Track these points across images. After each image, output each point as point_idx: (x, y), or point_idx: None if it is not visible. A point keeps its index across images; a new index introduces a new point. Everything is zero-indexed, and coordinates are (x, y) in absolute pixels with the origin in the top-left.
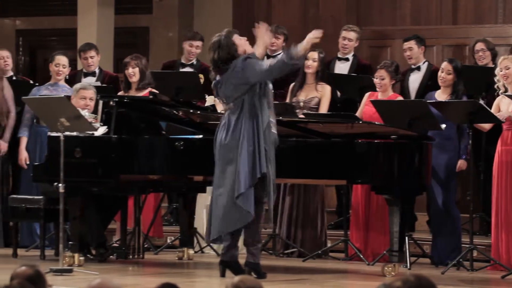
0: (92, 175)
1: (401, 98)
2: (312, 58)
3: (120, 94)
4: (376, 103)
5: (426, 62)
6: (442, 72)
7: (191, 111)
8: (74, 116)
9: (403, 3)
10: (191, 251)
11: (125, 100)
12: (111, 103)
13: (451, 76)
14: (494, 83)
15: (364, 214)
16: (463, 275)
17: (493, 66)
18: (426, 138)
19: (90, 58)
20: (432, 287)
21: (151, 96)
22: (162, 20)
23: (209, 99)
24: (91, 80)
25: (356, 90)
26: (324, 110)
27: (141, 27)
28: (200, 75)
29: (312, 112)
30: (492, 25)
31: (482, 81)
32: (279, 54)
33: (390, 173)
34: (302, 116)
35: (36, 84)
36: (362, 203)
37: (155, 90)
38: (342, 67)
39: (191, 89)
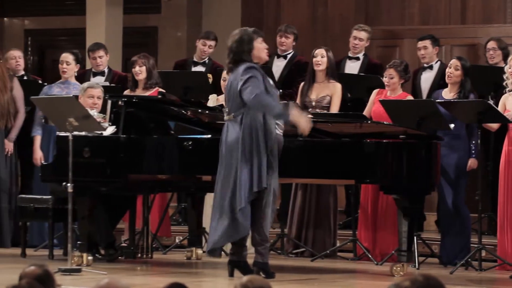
0: (100, 175)
1: (410, 97)
2: (320, 55)
3: (126, 92)
4: (384, 103)
5: (439, 62)
6: (450, 68)
7: (199, 110)
8: (82, 115)
9: (411, 2)
10: (199, 251)
11: (133, 100)
12: (119, 102)
13: (459, 72)
14: (503, 82)
15: (372, 214)
16: (472, 275)
17: (503, 66)
18: (435, 137)
19: (99, 58)
20: (441, 287)
21: (159, 96)
22: (170, 19)
23: (211, 98)
24: (100, 80)
25: (365, 90)
26: (335, 108)
27: (149, 26)
28: (209, 75)
29: (324, 111)
30: (500, 24)
31: (491, 81)
32: (288, 55)
33: (398, 173)
34: (311, 116)
35: (45, 84)
36: (371, 203)
37: (162, 90)
38: (352, 67)
39: (199, 89)
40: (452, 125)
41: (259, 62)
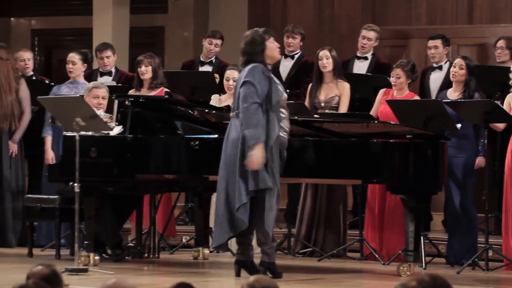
0: (107, 174)
1: (417, 98)
2: (325, 56)
3: (131, 92)
4: (391, 103)
5: (448, 62)
6: (455, 67)
7: (206, 110)
8: (89, 115)
9: (418, 2)
10: (206, 251)
11: (140, 100)
12: (126, 102)
13: (463, 72)
14: (509, 82)
15: (380, 213)
16: (479, 275)
17: (510, 65)
18: (442, 137)
19: (106, 58)
20: (447, 287)
21: (166, 96)
22: (177, 19)
23: (213, 98)
24: (107, 80)
25: (372, 89)
26: (344, 108)
27: (156, 26)
28: (216, 75)
29: (333, 111)
30: (507, 24)
31: (497, 81)
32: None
33: (405, 172)
34: (317, 116)
35: (52, 83)
36: (378, 202)
37: (167, 90)
38: (361, 66)
39: (206, 88)
40: (459, 125)
41: (272, 61)
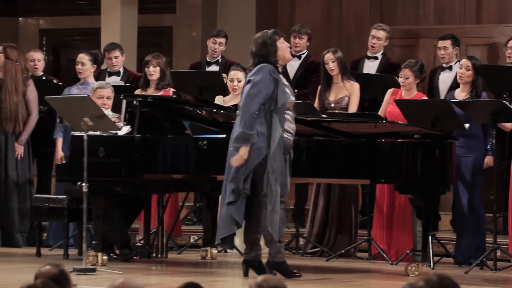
0: (115, 174)
1: (425, 98)
2: (330, 60)
3: (138, 91)
4: (399, 103)
5: (458, 62)
6: (461, 68)
7: (214, 110)
8: (97, 115)
9: (426, 2)
10: (214, 251)
11: (148, 100)
12: (134, 102)
13: (470, 72)
14: None
15: (387, 213)
16: (487, 275)
17: None
18: (450, 137)
19: (114, 58)
20: (455, 286)
21: (174, 96)
22: (185, 19)
23: (217, 99)
24: (116, 80)
25: (380, 89)
26: (353, 108)
27: (164, 26)
28: (224, 74)
29: (342, 111)
30: None
31: (505, 80)
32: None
33: (413, 172)
34: (325, 115)
35: (60, 83)
36: (386, 202)
37: (174, 90)
38: (371, 66)
39: (214, 88)
40: (467, 125)
41: (283, 62)
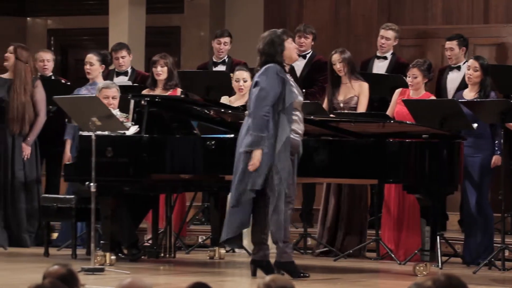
0: (123, 174)
1: (433, 98)
2: (337, 61)
3: (145, 91)
4: (407, 102)
5: (466, 62)
6: (469, 69)
7: (222, 110)
8: (105, 115)
9: (434, 2)
10: (222, 250)
11: (156, 100)
12: (142, 102)
13: (478, 73)
14: None
15: (396, 213)
16: (495, 275)
17: None
18: (458, 137)
19: (121, 58)
20: (463, 286)
21: (182, 95)
22: (193, 19)
23: (223, 99)
24: (123, 79)
25: (388, 89)
26: (362, 108)
27: (172, 26)
28: (231, 74)
29: (350, 111)
30: None
31: None
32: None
33: (421, 172)
34: (333, 115)
35: (68, 83)
36: (394, 202)
37: (182, 90)
38: (380, 66)
39: (221, 88)
40: (475, 124)
41: (290, 62)
